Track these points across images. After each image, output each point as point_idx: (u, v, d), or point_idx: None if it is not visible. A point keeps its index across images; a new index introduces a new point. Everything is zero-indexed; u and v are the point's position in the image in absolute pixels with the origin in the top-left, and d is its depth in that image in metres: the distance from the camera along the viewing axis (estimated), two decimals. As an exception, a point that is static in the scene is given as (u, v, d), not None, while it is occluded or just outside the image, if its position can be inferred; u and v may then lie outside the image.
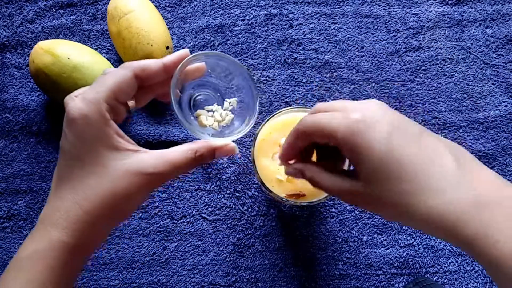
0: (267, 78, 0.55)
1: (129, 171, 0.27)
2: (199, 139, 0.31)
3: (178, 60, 0.30)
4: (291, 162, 0.33)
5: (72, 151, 0.27)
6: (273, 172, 0.43)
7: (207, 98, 0.35)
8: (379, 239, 0.51)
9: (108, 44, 0.56)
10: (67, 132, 0.27)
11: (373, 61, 0.56)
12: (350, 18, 0.57)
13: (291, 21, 0.57)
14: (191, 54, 0.31)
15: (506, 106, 0.55)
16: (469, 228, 0.23)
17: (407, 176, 0.25)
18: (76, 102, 0.27)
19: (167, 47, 0.51)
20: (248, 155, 0.54)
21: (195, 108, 0.35)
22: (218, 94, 0.35)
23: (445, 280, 0.50)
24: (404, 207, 0.25)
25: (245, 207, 0.52)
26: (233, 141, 0.31)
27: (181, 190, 0.53)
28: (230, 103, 0.35)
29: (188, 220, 0.52)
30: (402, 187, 0.25)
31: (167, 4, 0.57)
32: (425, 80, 0.55)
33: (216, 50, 0.56)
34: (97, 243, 0.29)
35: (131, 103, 0.31)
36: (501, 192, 0.25)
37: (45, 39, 0.56)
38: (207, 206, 0.52)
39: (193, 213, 0.52)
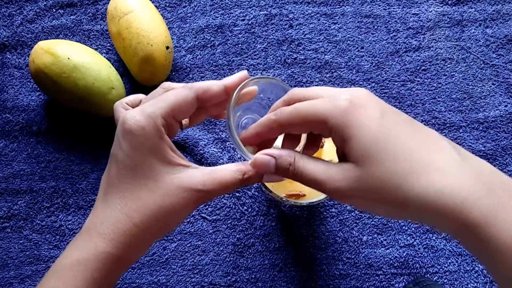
0: (267, 78, 0.55)
1: (180, 186, 0.27)
2: (246, 159, 0.30)
3: (239, 81, 0.30)
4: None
5: (126, 161, 0.27)
6: (273, 172, 0.43)
7: (252, 123, 0.34)
8: (379, 239, 0.51)
9: (108, 44, 0.56)
10: (122, 142, 0.27)
11: (373, 61, 0.56)
12: (350, 18, 0.57)
13: (291, 21, 0.57)
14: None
15: (506, 106, 0.55)
16: (476, 211, 0.22)
17: (403, 155, 0.23)
18: (134, 114, 0.27)
19: (167, 47, 0.51)
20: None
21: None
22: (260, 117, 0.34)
23: (445, 280, 0.50)
24: (400, 189, 0.23)
25: (245, 207, 0.52)
26: None
27: (181, 190, 0.53)
28: None
29: (188, 220, 0.52)
30: (398, 166, 0.23)
31: (167, 4, 0.57)
32: (425, 80, 0.55)
33: (216, 50, 0.56)
34: (139, 255, 0.29)
35: (185, 121, 0.32)
36: (501, 177, 0.24)
37: (45, 39, 0.56)
38: (207, 206, 0.52)
39: (193, 213, 0.52)
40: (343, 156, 0.26)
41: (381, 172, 0.23)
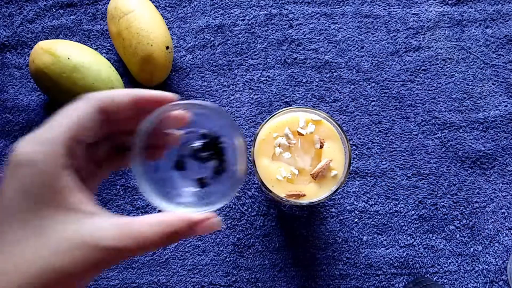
0: (267, 78, 0.55)
1: (78, 242, 0.21)
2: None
3: (156, 98, 0.24)
4: None
5: (10, 207, 0.21)
6: (273, 172, 0.43)
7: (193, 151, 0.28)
8: (379, 239, 0.51)
9: (108, 44, 0.56)
10: (9, 181, 0.21)
11: (373, 61, 0.56)
12: (350, 18, 0.57)
13: (291, 21, 0.57)
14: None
15: (506, 106, 0.55)
16: None
17: None
18: (25, 144, 0.21)
19: (167, 47, 0.51)
20: (248, 155, 0.54)
21: (179, 167, 0.28)
22: (204, 136, 0.29)
23: (445, 280, 0.50)
24: None
25: (245, 207, 0.52)
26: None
27: (181, 190, 0.53)
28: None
29: (188, 220, 0.52)
30: None
31: (167, 4, 0.57)
32: (425, 80, 0.55)
33: (216, 51, 0.56)
34: None
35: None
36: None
37: (45, 39, 0.56)
38: (207, 206, 0.52)
39: (193, 213, 0.52)
40: None
41: None
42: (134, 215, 0.45)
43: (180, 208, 0.24)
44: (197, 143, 0.28)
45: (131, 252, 0.21)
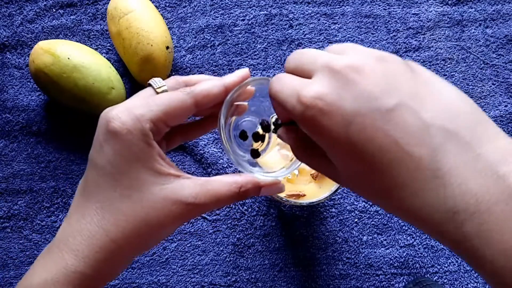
0: (267, 78, 0.55)
1: (168, 198, 0.24)
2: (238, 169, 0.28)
3: (240, 81, 0.27)
4: None
5: (107, 168, 0.24)
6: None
7: (251, 126, 0.32)
8: (379, 239, 0.51)
9: (108, 44, 0.56)
10: (104, 145, 0.24)
11: (373, 61, 0.56)
12: (350, 18, 0.57)
13: (291, 21, 0.57)
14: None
15: (506, 106, 0.55)
16: (449, 237, 0.19)
17: (374, 172, 0.20)
18: (120, 114, 0.23)
19: (167, 47, 0.51)
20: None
21: (242, 137, 0.31)
22: (263, 119, 0.31)
23: (445, 280, 0.50)
24: (382, 204, 0.22)
25: (245, 207, 0.52)
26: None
27: (181, 190, 0.53)
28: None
29: (188, 220, 0.52)
30: (373, 185, 0.21)
31: (167, 4, 0.57)
32: (425, 80, 0.55)
33: (216, 51, 0.56)
34: (117, 273, 0.25)
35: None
36: (503, 188, 0.18)
37: (45, 39, 0.56)
38: (207, 206, 0.52)
39: (193, 213, 0.52)
40: None
41: (360, 188, 0.22)
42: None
43: (252, 172, 0.28)
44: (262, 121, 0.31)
45: (209, 206, 0.25)
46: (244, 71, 0.27)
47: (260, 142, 0.32)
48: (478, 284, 0.51)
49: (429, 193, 0.19)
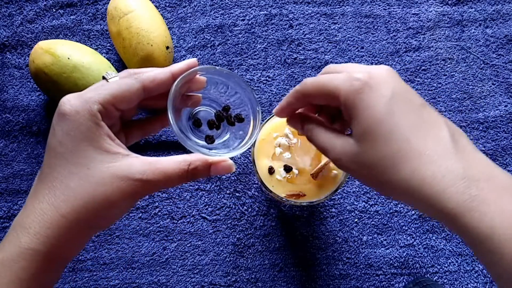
0: (267, 78, 0.55)
1: (116, 175, 0.25)
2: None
3: (186, 69, 0.29)
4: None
5: (58, 148, 0.25)
6: (273, 172, 0.43)
7: (205, 115, 0.34)
8: (379, 239, 0.51)
9: (108, 44, 0.56)
10: (55, 128, 0.25)
11: (373, 61, 0.56)
12: (350, 18, 0.57)
13: (291, 21, 0.57)
14: (195, 61, 0.30)
15: (506, 106, 0.55)
16: (453, 201, 0.23)
17: (398, 140, 0.24)
18: (70, 98, 0.26)
19: (167, 47, 0.51)
20: (248, 155, 0.53)
21: (195, 124, 0.34)
22: (217, 110, 0.35)
23: (445, 280, 0.50)
24: (387, 171, 0.25)
25: (245, 207, 0.52)
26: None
27: (181, 190, 0.53)
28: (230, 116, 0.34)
29: (188, 220, 0.52)
30: (390, 149, 0.24)
31: (167, 4, 0.57)
32: (425, 80, 0.55)
33: (216, 50, 0.56)
34: (73, 251, 0.26)
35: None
36: (492, 171, 0.24)
37: (45, 39, 0.56)
38: (207, 206, 0.52)
39: (193, 213, 0.52)
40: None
41: (374, 152, 0.25)
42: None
43: (202, 151, 0.29)
44: (210, 110, 0.35)
45: (158, 184, 0.26)
46: (191, 60, 0.29)
47: (214, 129, 0.34)
48: (478, 284, 0.51)
49: (446, 161, 0.24)
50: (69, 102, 0.25)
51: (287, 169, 0.43)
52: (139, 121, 0.32)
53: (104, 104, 0.26)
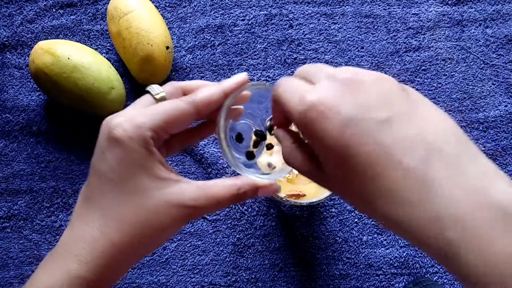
0: (267, 78, 0.55)
1: (169, 202, 0.25)
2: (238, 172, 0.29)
3: (237, 87, 0.28)
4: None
5: (109, 174, 0.24)
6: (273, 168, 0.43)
7: (246, 129, 0.34)
8: (379, 239, 0.51)
9: (108, 44, 0.56)
10: (106, 152, 0.24)
11: (373, 61, 0.56)
12: (350, 18, 0.57)
13: (291, 21, 0.57)
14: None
15: (506, 106, 0.55)
16: (434, 243, 0.19)
17: (362, 177, 0.21)
18: (122, 123, 0.24)
19: (167, 47, 0.51)
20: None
21: (238, 139, 0.33)
22: (254, 123, 0.33)
23: (445, 280, 0.50)
24: (366, 209, 0.22)
25: (245, 207, 0.52)
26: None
27: (181, 190, 0.53)
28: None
29: (188, 220, 0.52)
30: (360, 190, 0.22)
31: (167, 4, 0.57)
32: (425, 80, 0.55)
33: (216, 51, 0.56)
34: (119, 278, 0.26)
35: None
36: (485, 198, 0.19)
37: (45, 39, 0.56)
38: (207, 206, 0.52)
39: (193, 213, 0.52)
40: None
41: (345, 192, 0.23)
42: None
43: (248, 173, 0.29)
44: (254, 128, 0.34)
45: (208, 209, 0.26)
46: (242, 76, 0.28)
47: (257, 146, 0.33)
48: (478, 284, 0.50)
49: (415, 202, 0.20)
50: (122, 126, 0.24)
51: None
52: (179, 133, 0.31)
53: (156, 130, 0.25)
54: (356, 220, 0.52)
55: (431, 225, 0.19)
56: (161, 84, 0.29)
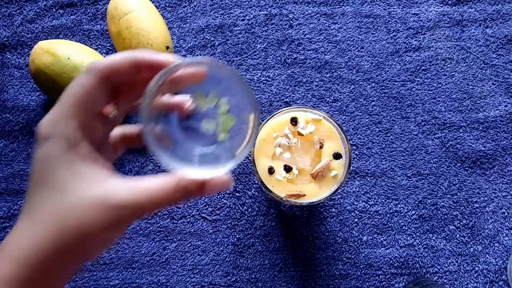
0: (267, 78, 0.55)
1: (93, 201, 0.23)
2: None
3: (156, 63, 0.25)
4: None
5: (34, 176, 0.24)
6: (273, 172, 0.43)
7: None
8: (379, 239, 0.51)
9: (108, 44, 0.56)
10: (34, 155, 0.24)
11: (373, 61, 0.56)
12: (350, 18, 0.57)
13: (291, 21, 0.57)
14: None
15: (506, 106, 0.55)
16: None
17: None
18: (43, 122, 0.24)
19: (167, 47, 0.51)
20: (248, 155, 0.54)
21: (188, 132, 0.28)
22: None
23: (445, 280, 0.50)
24: None
25: (245, 207, 0.52)
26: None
27: (181, 190, 0.53)
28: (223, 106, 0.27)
29: (188, 220, 0.52)
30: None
31: (167, 4, 0.57)
32: (425, 80, 0.55)
33: (216, 51, 0.56)
34: (58, 279, 0.24)
35: (111, 111, 0.27)
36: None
37: (45, 39, 0.56)
38: (207, 206, 0.52)
39: (193, 213, 0.52)
40: None
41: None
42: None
43: (189, 169, 0.24)
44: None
45: (143, 208, 0.23)
46: (170, 56, 0.25)
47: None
48: (478, 284, 0.51)
49: None
50: (42, 126, 0.24)
51: (287, 169, 0.43)
52: (124, 133, 0.30)
53: (75, 118, 0.24)
54: (356, 220, 0.52)
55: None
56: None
